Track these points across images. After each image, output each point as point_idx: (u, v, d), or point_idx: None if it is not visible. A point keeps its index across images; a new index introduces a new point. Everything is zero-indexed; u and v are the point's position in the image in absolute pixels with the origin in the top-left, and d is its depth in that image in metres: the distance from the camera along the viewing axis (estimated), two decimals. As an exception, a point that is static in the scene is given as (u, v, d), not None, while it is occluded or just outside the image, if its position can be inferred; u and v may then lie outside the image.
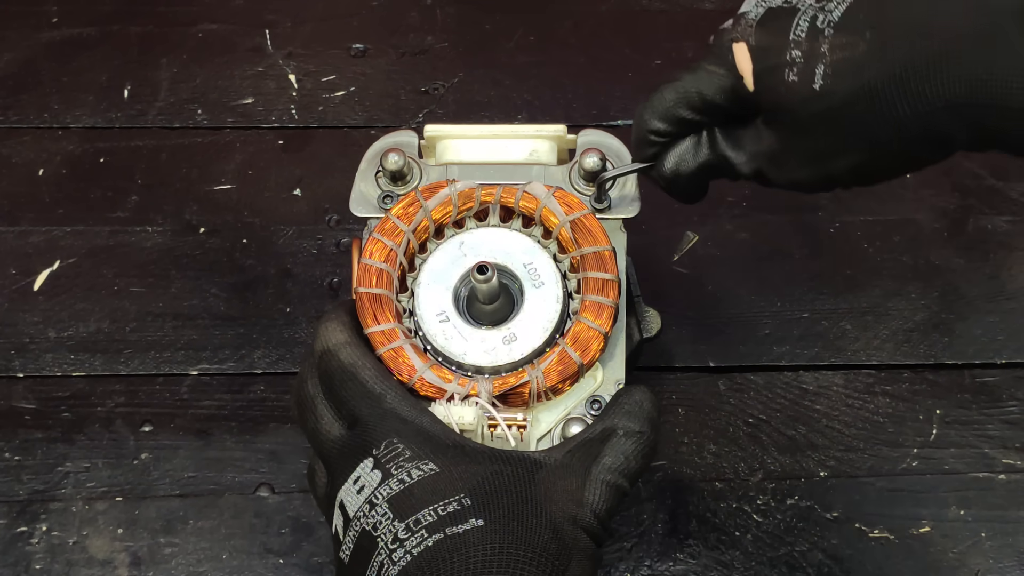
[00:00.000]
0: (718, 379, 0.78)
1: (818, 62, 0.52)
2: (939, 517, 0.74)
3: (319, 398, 0.58)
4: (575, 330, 0.60)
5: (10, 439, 0.76)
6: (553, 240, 0.62)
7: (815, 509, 0.74)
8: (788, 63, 0.53)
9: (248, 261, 0.82)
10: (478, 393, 0.58)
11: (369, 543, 0.52)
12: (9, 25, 0.91)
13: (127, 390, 0.78)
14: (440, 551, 0.51)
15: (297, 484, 0.75)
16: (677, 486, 0.75)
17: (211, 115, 0.87)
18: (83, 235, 0.83)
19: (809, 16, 0.53)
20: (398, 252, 0.61)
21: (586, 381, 0.60)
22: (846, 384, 0.78)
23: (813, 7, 0.53)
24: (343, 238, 0.83)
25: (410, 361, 0.58)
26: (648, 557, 0.73)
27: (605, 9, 0.92)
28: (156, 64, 0.89)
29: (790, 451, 0.76)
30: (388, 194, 0.64)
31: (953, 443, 0.76)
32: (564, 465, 0.55)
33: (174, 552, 0.73)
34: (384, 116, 0.87)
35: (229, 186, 0.85)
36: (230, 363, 0.79)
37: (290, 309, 0.80)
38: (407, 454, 0.54)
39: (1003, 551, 0.73)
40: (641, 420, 0.57)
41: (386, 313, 0.60)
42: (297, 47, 0.90)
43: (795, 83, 0.53)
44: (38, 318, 0.80)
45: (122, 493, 0.74)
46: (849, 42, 0.51)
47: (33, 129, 0.87)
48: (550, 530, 0.52)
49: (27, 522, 0.74)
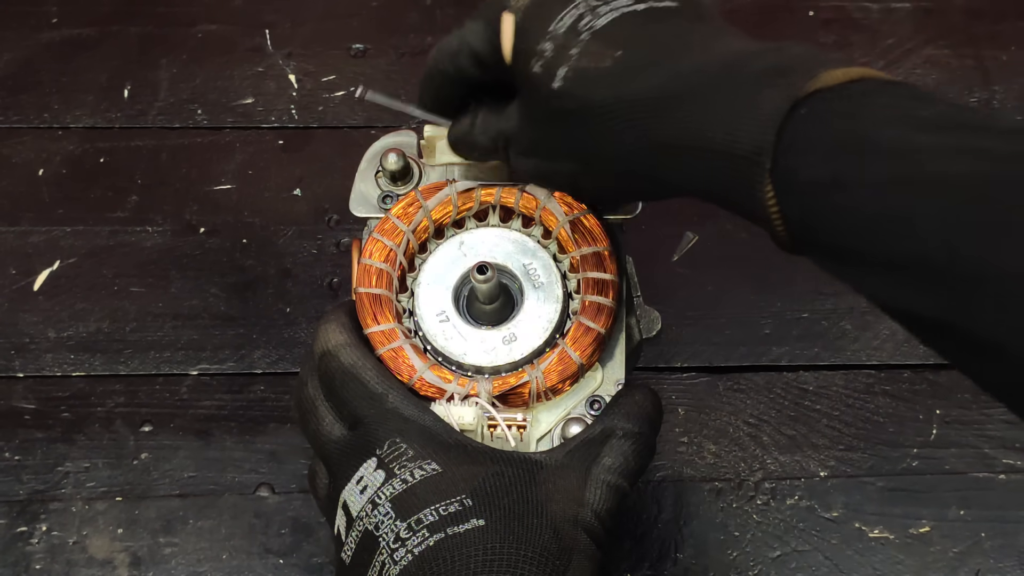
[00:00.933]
0: (718, 379, 0.78)
1: (563, 63, 0.51)
2: (939, 517, 0.74)
3: (320, 400, 0.58)
4: (575, 330, 0.60)
5: (10, 439, 0.76)
6: (553, 240, 0.62)
7: (815, 509, 0.74)
8: (537, 53, 0.52)
9: (248, 261, 0.82)
10: (478, 393, 0.58)
11: (371, 543, 0.52)
12: (9, 25, 0.91)
13: (127, 390, 0.78)
14: (441, 550, 0.51)
15: (297, 484, 0.75)
16: (677, 486, 0.75)
17: (211, 115, 0.87)
18: (83, 235, 0.83)
19: (577, 14, 0.51)
20: (398, 252, 0.61)
21: (586, 381, 0.60)
22: (846, 384, 0.78)
23: (587, 4, 0.52)
24: (343, 238, 0.83)
25: (410, 361, 0.58)
26: (648, 557, 0.73)
27: (605, 9, 0.91)
28: (156, 64, 0.89)
29: (790, 451, 0.76)
30: (388, 194, 0.64)
31: (953, 443, 0.76)
32: (564, 465, 0.55)
33: (174, 552, 0.73)
34: (384, 116, 0.87)
35: (229, 186, 0.85)
36: (230, 363, 0.79)
37: (290, 309, 0.80)
38: (410, 453, 0.54)
39: (1003, 551, 0.73)
40: (640, 420, 0.57)
41: (386, 313, 0.60)
42: (297, 47, 0.90)
43: (537, 75, 0.52)
44: (38, 318, 0.80)
45: (122, 493, 0.74)
46: (598, 53, 0.50)
47: (33, 129, 0.87)
48: (551, 530, 0.52)
49: (27, 522, 0.74)
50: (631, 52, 0.50)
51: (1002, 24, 0.91)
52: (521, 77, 0.53)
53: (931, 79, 0.89)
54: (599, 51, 0.50)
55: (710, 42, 0.49)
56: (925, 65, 0.90)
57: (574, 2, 0.52)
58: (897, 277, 0.43)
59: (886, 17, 0.91)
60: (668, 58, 0.49)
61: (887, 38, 0.91)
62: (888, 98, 0.45)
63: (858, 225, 0.43)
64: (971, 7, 0.92)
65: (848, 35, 0.91)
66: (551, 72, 0.51)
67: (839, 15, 0.91)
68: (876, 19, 0.91)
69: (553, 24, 0.52)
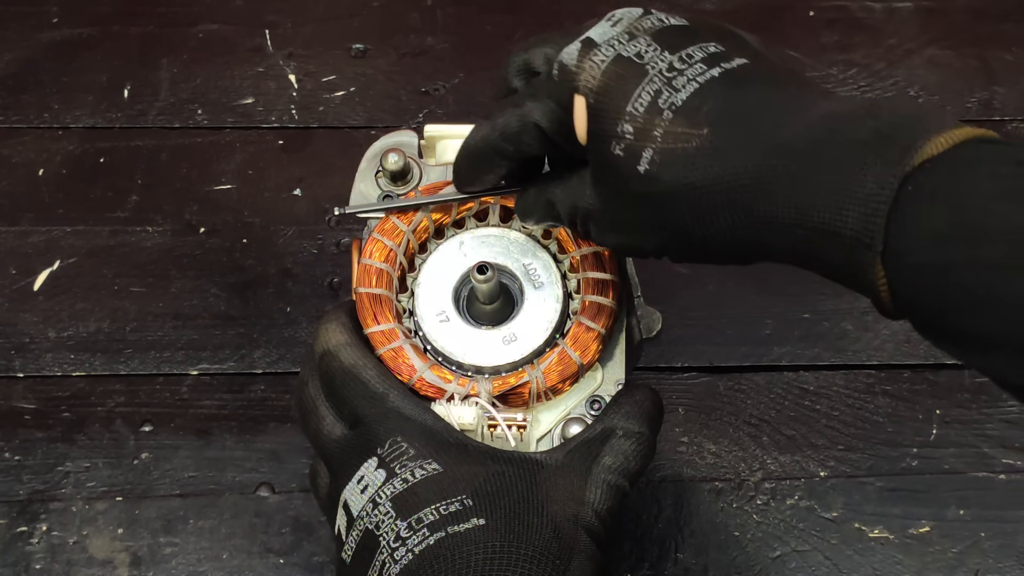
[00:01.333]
0: (718, 379, 0.78)
1: (648, 145, 0.49)
2: (939, 517, 0.74)
3: (320, 399, 0.58)
4: (575, 330, 0.60)
5: (10, 439, 0.76)
6: (553, 240, 0.62)
7: (815, 509, 0.74)
8: (618, 136, 0.49)
9: (248, 261, 0.82)
10: (478, 393, 0.58)
11: (372, 542, 0.52)
12: (9, 25, 0.91)
13: (127, 390, 0.78)
14: (441, 549, 0.51)
15: (297, 484, 0.75)
16: (677, 486, 0.75)
17: (211, 115, 0.87)
18: (83, 235, 0.83)
19: (654, 89, 0.49)
20: (398, 252, 0.61)
21: (586, 381, 0.60)
22: (846, 384, 0.78)
23: (662, 77, 0.49)
24: (343, 238, 0.83)
25: (410, 361, 0.58)
26: (648, 557, 0.73)
27: (605, 10, 0.91)
28: (156, 64, 0.89)
29: (790, 451, 0.76)
30: (388, 194, 0.64)
31: (953, 443, 0.76)
32: (565, 465, 0.55)
33: (174, 552, 0.73)
34: (384, 116, 0.87)
35: (229, 186, 0.85)
36: (230, 363, 0.79)
37: (290, 309, 0.80)
38: (411, 452, 0.54)
39: (1003, 551, 0.73)
40: (641, 420, 0.57)
41: (386, 313, 0.60)
42: (297, 47, 0.90)
43: (619, 157, 0.50)
44: (38, 318, 0.80)
45: (122, 493, 0.74)
46: (685, 134, 0.48)
47: (33, 129, 0.87)
48: (551, 529, 0.52)
49: (27, 522, 0.74)
50: (719, 129, 0.48)
51: (1006, 24, 0.91)
52: (599, 158, 0.51)
53: (934, 79, 0.89)
54: (685, 131, 0.48)
55: (796, 105, 0.48)
56: (928, 65, 0.90)
57: (647, 76, 0.50)
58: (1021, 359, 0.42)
59: (889, 17, 0.91)
60: (758, 131, 0.47)
61: (890, 37, 0.91)
62: (995, 165, 0.43)
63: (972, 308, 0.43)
64: (974, 7, 0.92)
65: (851, 35, 0.91)
66: (635, 155, 0.49)
67: (842, 15, 0.91)
68: (879, 18, 0.91)
69: (630, 104, 0.49)
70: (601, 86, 0.50)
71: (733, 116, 0.48)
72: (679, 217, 0.49)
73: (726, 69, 0.49)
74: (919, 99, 0.88)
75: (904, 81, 0.89)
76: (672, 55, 0.50)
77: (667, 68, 0.50)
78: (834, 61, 0.90)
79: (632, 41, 0.51)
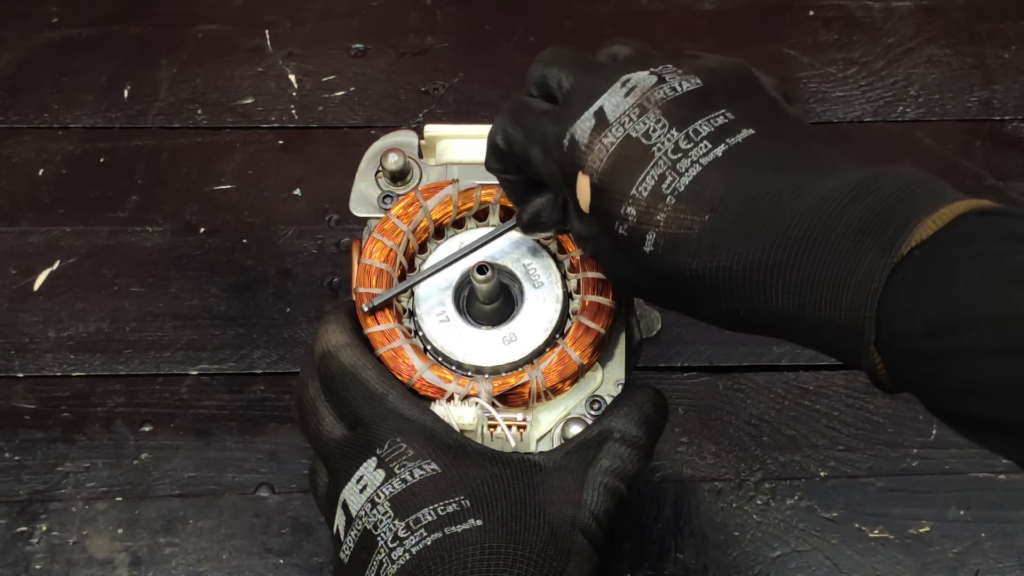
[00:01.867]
0: (718, 379, 0.78)
1: (651, 228, 0.50)
2: (939, 517, 0.74)
3: (320, 400, 0.58)
4: (575, 330, 0.60)
5: (10, 439, 0.76)
6: (553, 240, 0.62)
7: (815, 509, 0.74)
8: (622, 217, 0.50)
9: (248, 261, 0.82)
10: (478, 393, 0.58)
11: (369, 542, 0.52)
12: (9, 25, 0.91)
13: (127, 390, 0.78)
14: (438, 550, 0.51)
15: (297, 484, 0.75)
16: (677, 486, 0.75)
17: (211, 115, 0.87)
18: (83, 235, 0.83)
19: (658, 173, 0.50)
20: (398, 252, 0.61)
21: (586, 381, 0.60)
22: (846, 384, 0.78)
23: (667, 160, 0.50)
24: (343, 238, 0.83)
25: (410, 361, 0.58)
26: (648, 557, 0.73)
27: (605, 10, 0.92)
28: (156, 64, 0.89)
29: (790, 451, 0.76)
30: (388, 194, 0.64)
31: (953, 443, 0.76)
32: (562, 467, 0.55)
33: (174, 552, 0.73)
34: (384, 116, 0.87)
35: (229, 186, 0.85)
36: (230, 363, 0.79)
37: (290, 309, 0.80)
38: (410, 453, 0.54)
39: (1003, 551, 0.73)
40: (638, 423, 0.57)
41: (386, 313, 0.60)
42: (297, 47, 0.90)
43: (623, 236, 0.51)
44: (38, 318, 0.80)
45: (122, 493, 0.74)
46: (687, 220, 0.49)
47: (33, 129, 0.87)
48: (548, 531, 0.52)
49: (27, 522, 0.74)
50: (721, 215, 0.48)
51: (1004, 23, 0.91)
52: (604, 230, 0.52)
53: (932, 78, 0.89)
54: (687, 217, 0.49)
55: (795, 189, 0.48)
56: (926, 64, 0.90)
57: (653, 159, 0.50)
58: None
59: (888, 15, 0.91)
60: (757, 219, 0.48)
61: (888, 36, 0.91)
62: (984, 244, 0.44)
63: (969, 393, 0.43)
64: (973, 5, 0.92)
65: (850, 34, 0.91)
66: (639, 236, 0.50)
67: (841, 13, 0.91)
68: (878, 17, 0.91)
69: (635, 188, 0.50)
70: (608, 168, 0.51)
71: (733, 201, 0.48)
72: (684, 294, 0.51)
73: (731, 146, 0.50)
74: (919, 99, 0.88)
75: (903, 80, 0.89)
76: (679, 133, 0.50)
77: (673, 149, 0.50)
78: (833, 60, 0.90)
79: (642, 117, 0.51)
